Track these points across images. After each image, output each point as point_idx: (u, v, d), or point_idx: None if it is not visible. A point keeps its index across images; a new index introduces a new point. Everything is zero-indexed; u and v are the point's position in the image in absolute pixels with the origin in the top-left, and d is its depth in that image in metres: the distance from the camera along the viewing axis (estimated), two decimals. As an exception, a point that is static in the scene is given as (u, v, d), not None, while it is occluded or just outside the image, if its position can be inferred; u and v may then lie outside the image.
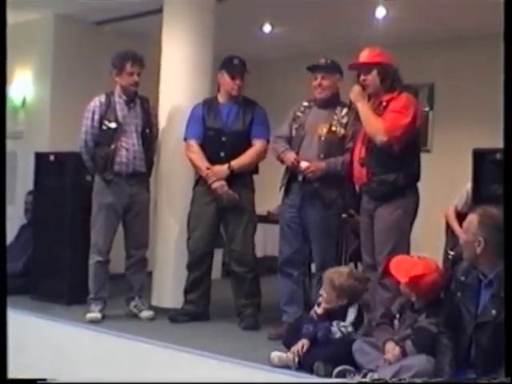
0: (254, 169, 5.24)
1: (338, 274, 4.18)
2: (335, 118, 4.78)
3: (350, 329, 4.00)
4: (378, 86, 4.40)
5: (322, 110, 4.88)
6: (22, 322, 4.79)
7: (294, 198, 4.88)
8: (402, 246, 4.27)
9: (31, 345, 4.58)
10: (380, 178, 4.30)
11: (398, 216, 4.29)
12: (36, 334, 4.86)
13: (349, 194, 4.81)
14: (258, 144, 5.16)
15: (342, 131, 4.74)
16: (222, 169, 5.07)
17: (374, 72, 4.39)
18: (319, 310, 4.15)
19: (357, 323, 4.06)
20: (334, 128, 4.76)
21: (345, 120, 4.76)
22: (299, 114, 4.95)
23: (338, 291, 4.08)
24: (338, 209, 4.79)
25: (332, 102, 4.87)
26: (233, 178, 5.08)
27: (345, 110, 4.78)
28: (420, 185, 4.44)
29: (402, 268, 3.80)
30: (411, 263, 3.83)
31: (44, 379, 2.96)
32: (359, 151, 4.47)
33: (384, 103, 4.36)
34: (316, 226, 4.80)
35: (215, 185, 5.06)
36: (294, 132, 4.93)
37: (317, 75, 4.86)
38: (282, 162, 4.90)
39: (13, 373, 2.97)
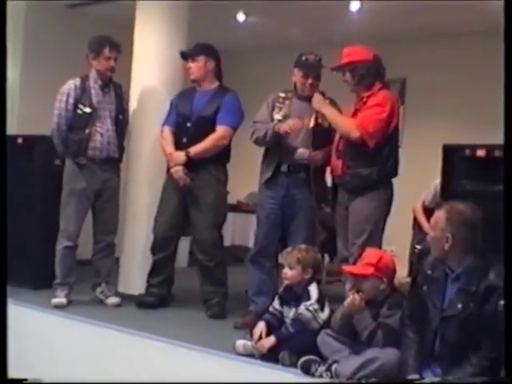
0: (220, 156, 5.16)
1: (297, 250, 4.24)
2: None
3: (316, 306, 4.04)
4: (355, 85, 4.43)
5: (303, 102, 4.82)
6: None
7: (278, 189, 4.82)
8: (375, 237, 4.33)
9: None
10: (354, 171, 4.36)
11: (372, 208, 4.35)
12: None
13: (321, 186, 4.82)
14: (218, 130, 5.09)
15: (327, 123, 4.67)
16: (180, 154, 5.08)
17: (347, 72, 4.43)
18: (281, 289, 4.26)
19: (321, 300, 4.09)
20: (319, 120, 4.70)
21: None
22: (279, 104, 4.87)
23: (303, 265, 4.14)
24: (321, 200, 4.75)
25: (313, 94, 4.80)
26: (194, 165, 5.07)
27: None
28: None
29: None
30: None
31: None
32: (337, 144, 4.51)
33: (364, 99, 4.41)
34: (302, 217, 4.77)
35: (172, 170, 5.12)
36: (276, 123, 4.81)
37: (309, 74, 4.77)
38: (275, 137, 4.71)
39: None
